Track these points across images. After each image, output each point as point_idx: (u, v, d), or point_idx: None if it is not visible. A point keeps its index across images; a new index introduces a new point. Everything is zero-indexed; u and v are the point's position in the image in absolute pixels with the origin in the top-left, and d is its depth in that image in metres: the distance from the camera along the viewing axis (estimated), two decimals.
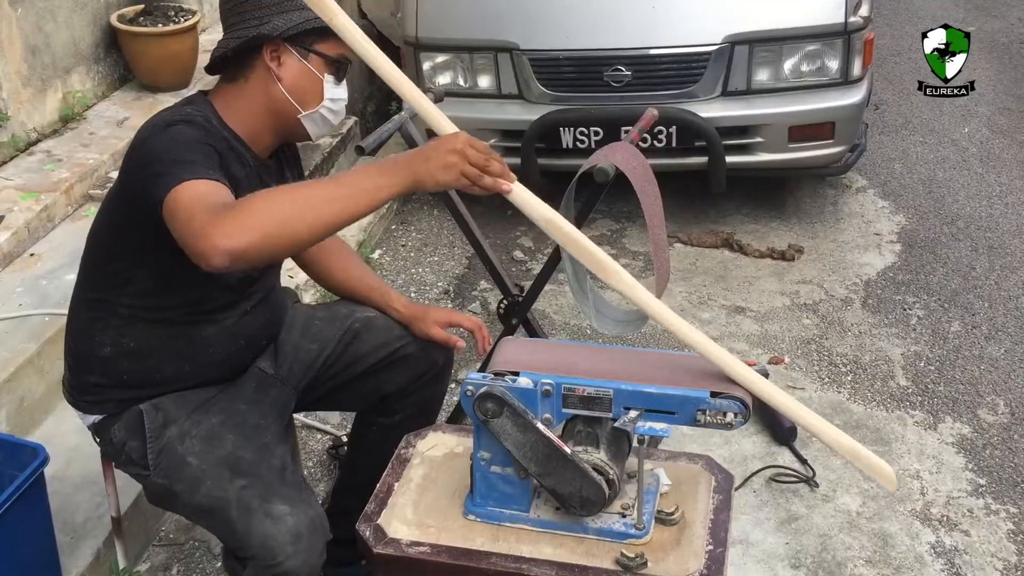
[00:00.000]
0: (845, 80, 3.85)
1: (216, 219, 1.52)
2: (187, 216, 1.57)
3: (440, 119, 1.72)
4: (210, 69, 1.93)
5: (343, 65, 1.91)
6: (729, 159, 3.82)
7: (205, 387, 1.98)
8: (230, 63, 1.89)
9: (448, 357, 2.22)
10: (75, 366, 1.99)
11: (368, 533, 1.72)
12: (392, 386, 2.16)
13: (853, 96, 3.87)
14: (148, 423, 1.90)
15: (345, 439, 2.89)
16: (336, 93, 1.91)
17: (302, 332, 2.15)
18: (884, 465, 1.72)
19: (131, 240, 1.82)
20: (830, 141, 3.91)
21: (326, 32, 1.73)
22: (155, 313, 1.89)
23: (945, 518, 2.65)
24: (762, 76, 3.82)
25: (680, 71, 3.80)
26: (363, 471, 2.03)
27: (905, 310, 3.59)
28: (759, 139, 3.87)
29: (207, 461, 1.85)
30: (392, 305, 2.19)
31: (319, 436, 3.01)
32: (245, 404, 1.98)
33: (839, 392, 3.16)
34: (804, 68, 3.84)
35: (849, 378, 3.23)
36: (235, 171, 1.80)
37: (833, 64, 3.82)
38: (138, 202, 1.71)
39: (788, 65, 3.82)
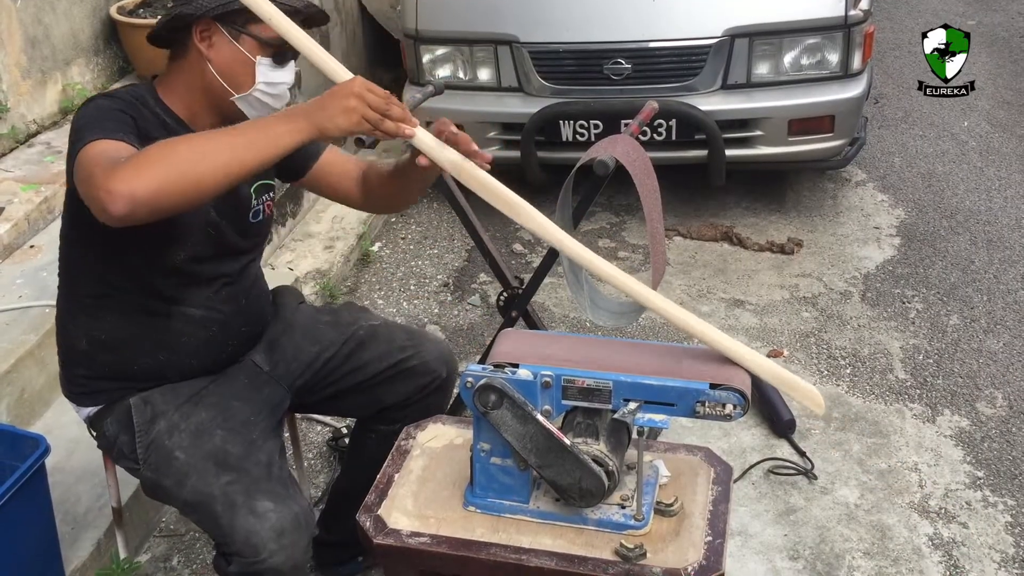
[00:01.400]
0: (845, 74, 3.85)
1: (113, 169, 1.54)
2: (88, 173, 1.59)
3: (336, 67, 1.71)
4: (152, 43, 1.91)
5: (282, 48, 1.82)
6: (729, 152, 3.83)
7: (194, 379, 1.98)
8: (170, 41, 1.87)
9: (451, 369, 2.20)
10: (63, 360, 2.01)
11: (368, 524, 1.73)
12: (393, 397, 2.15)
13: (853, 90, 3.87)
14: (136, 417, 1.91)
15: (345, 431, 2.90)
16: (273, 76, 1.84)
17: (303, 333, 2.14)
18: (810, 388, 1.70)
19: (79, 221, 1.80)
20: (830, 135, 3.91)
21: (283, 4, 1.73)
22: (114, 301, 1.89)
23: (943, 510, 2.66)
24: (762, 69, 3.82)
25: (680, 64, 3.80)
26: (361, 477, 2.01)
27: (904, 303, 3.60)
28: (759, 132, 3.87)
29: (194, 456, 1.85)
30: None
31: (319, 428, 3.01)
32: (237, 400, 1.98)
33: (838, 385, 3.17)
34: (804, 61, 3.84)
35: (848, 371, 3.24)
36: (158, 137, 1.74)
37: (833, 58, 3.82)
38: (70, 178, 1.76)
39: (788, 58, 3.82)
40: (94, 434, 2.01)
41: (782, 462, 2.82)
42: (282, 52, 1.83)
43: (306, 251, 3.85)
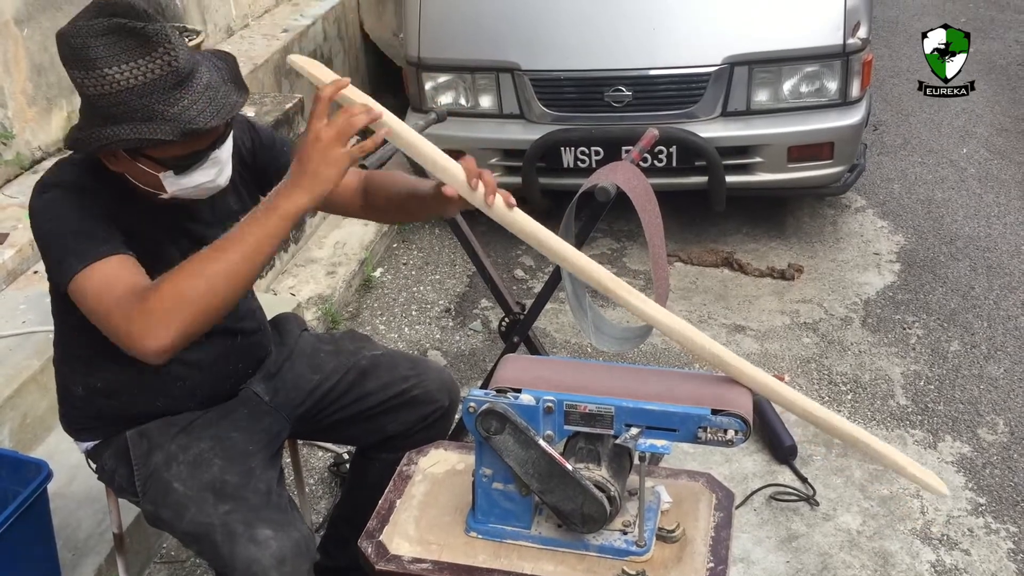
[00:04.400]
0: (844, 101, 3.88)
1: (135, 321, 1.58)
2: (102, 312, 1.63)
3: (447, 163, 1.72)
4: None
5: (183, 159, 1.69)
6: (729, 179, 3.85)
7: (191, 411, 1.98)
8: None
9: (453, 398, 2.19)
10: (61, 398, 2.01)
11: (370, 550, 1.73)
12: (395, 426, 2.14)
13: (852, 117, 3.90)
14: (133, 451, 1.91)
15: (347, 456, 2.89)
16: (186, 182, 1.72)
17: (305, 362, 2.13)
18: (928, 474, 1.74)
19: (66, 296, 1.77)
20: (829, 161, 3.93)
21: (155, 142, 1.62)
22: (108, 354, 1.78)
23: (945, 537, 2.66)
24: (761, 97, 3.85)
25: (680, 91, 3.83)
26: (362, 502, 2.00)
27: (904, 329, 3.60)
28: (759, 159, 3.89)
29: (192, 487, 1.85)
30: (424, 196, 1.94)
31: (320, 453, 3.01)
32: (235, 430, 1.97)
33: (839, 410, 3.16)
34: (803, 89, 3.87)
35: (849, 397, 3.24)
36: (129, 216, 1.73)
37: (832, 85, 3.85)
38: (51, 277, 1.76)
39: (787, 86, 3.85)
40: (93, 467, 2.02)
41: (784, 488, 2.82)
42: (184, 162, 1.69)
43: (308, 277, 3.86)
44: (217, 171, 1.74)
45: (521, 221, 1.76)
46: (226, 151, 1.75)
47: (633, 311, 1.75)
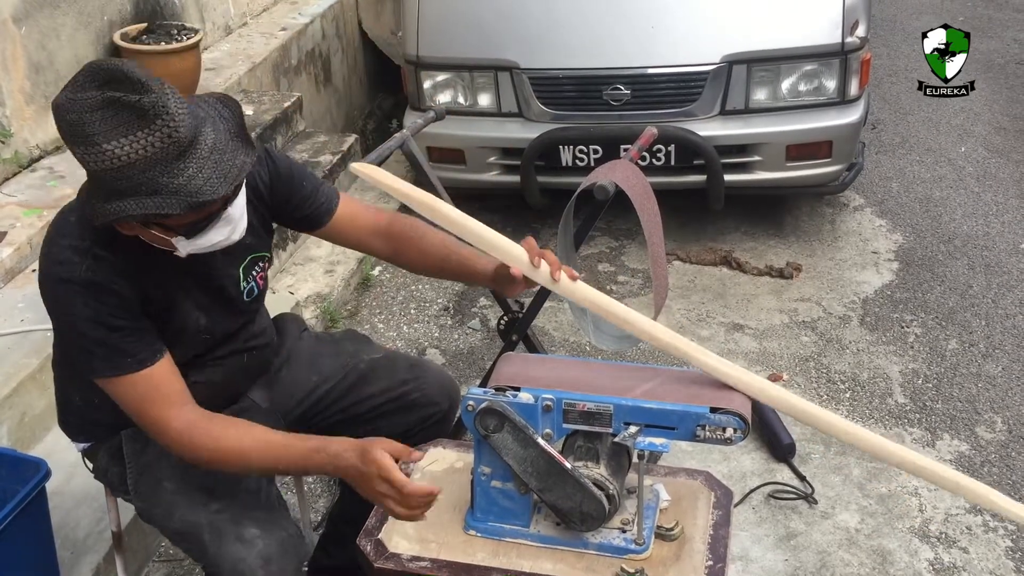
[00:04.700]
0: (842, 99, 3.88)
1: (170, 445, 1.73)
2: (132, 415, 1.75)
3: (508, 245, 1.84)
4: None
5: (198, 224, 1.65)
6: (727, 177, 3.85)
7: None
8: None
9: (452, 401, 2.19)
10: (59, 403, 2.01)
11: (369, 548, 1.73)
12: (394, 429, 2.12)
13: (850, 115, 3.90)
14: (127, 448, 1.91)
15: None
16: (197, 244, 1.69)
17: (304, 364, 2.13)
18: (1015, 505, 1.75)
19: None
20: (828, 160, 3.93)
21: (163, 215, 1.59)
22: None
23: (944, 535, 2.66)
24: (760, 95, 3.85)
25: (679, 90, 3.83)
26: (361, 500, 2.01)
27: (903, 328, 3.61)
28: (757, 158, 3.90)
29: (182, 486, 1.85)
30: (476, 271, 2.01)
31: None
32: None
33: (837, 409, 3.17)
34: (802, 88, 3.87)
35: (847, 395, 3.24)
36: (146, 275, 1.72)
37: (830, 84, 3.86)
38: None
39: (786, 84, 3.85)
40: (90, 467, 2.03)
41: (782, 486, 2.82)
42: (195, 227, 1.66)
43: (307, 275, 3.86)
44: (231, 229, 1.70)
45: (587, 292, 1.82)
46: (239, 207, 1.70)
47: (721, 377, 1.74)
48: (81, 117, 1.53)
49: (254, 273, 1.95)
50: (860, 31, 3.84)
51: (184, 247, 1.68)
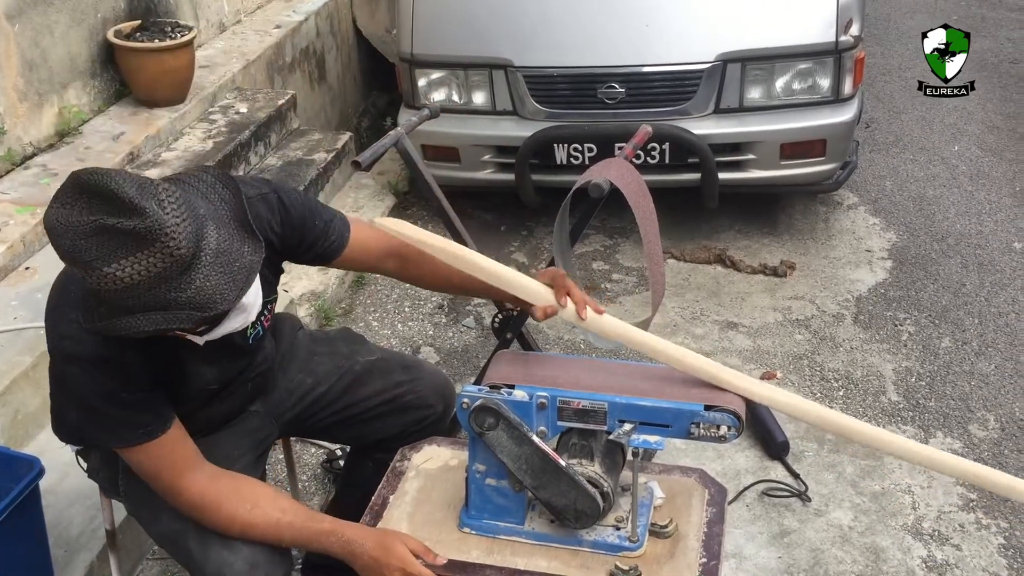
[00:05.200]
0: (836, 98, 3.89)
1: (183, 510, 1.76)
2: (144, 478, 1.77)
3: (534, 286, 1.86)
4: None
5: (211, 323, 1.62)
6: (722, 176, 3.85)
7: None
8: None
9: (448, 402, 2.18)
10: (53, 419, 1.96)
11: None
12: (389, 430, 2.14)
13: (844, 114, 3.90)
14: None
15: (340, 453, 2.89)
16: (214, 334, 1.67)
17: (298, 365, 2.12)
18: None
19: None
20: (821, 158, 3.94)
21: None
22: None
23: (937, 533, 2.67)
24: (754, 94, 3.86)
25: (673, 88, 3.83)
26: (355, 499, 2.01)
27: (896, 326, 3.62)
28: (751, 156, 3.90)
29: None
30: (488, 284, 1.95)
31: (313, 450, 3.01)
32: (222, 431, 1.96)
33: (831, 407, 3.16)
34: (796, 86, 3.88)
35: (841, 393, 3.25)
36: (158, 353, 1.70)
37: (824, 82, 3.86)
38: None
39: (780, 83, 3.86)
40: (84, 466, 2.03)
41: (776, 484, 2.82)
42: (210, 323, 1.62)
43: (301, 273, 3.85)
44: (245, 316, 1.68)
45: (615, 326, 1.84)
46: (251, 295, 1.67)
47: (756, 398, 1.75)
48: (75, 243, 1.46)
49: (262, 319, 1.91)
50: (854, 30, 3.85)
51: (199, 340, 1.67)
